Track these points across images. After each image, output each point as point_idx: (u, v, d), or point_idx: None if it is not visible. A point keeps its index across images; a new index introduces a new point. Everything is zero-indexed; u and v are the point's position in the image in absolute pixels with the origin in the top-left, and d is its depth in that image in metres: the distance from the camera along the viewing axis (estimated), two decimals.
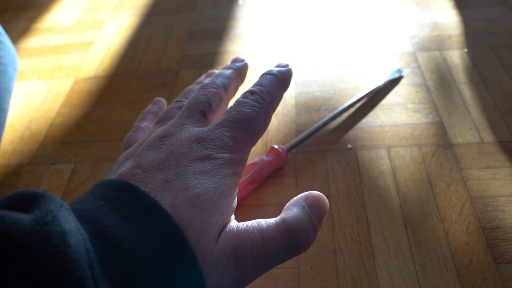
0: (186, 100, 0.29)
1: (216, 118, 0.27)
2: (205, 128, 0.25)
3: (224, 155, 0.23)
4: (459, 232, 0.33)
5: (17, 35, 0.65)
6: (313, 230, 0.21)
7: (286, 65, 0.27)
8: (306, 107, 0.45)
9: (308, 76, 0.49)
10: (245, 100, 0.26)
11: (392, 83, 0.46)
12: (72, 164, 0.43)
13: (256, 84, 0.26)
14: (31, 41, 0.63)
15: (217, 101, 0.27)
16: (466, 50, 0.49)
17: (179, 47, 0.57)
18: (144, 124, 0.31)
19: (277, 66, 0.27)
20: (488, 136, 0.39)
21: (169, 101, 0.48)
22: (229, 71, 0.29)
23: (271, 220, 0.22)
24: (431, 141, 0.39)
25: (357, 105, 0.44)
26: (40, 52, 0.61)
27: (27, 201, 0.17)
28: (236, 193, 0.23)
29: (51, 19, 0.68)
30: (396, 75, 0.46)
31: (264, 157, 0.37)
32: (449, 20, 0.54)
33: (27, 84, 0.55)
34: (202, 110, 0.26)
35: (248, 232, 0.21)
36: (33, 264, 0.14)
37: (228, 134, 0.24)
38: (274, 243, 0.21)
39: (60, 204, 0.17)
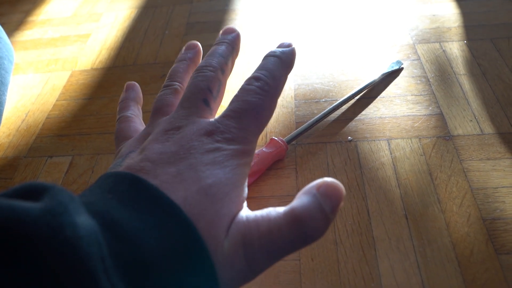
0: (177, 84, 0.28)
1: (217, 103, 0.27)
2: (213, 120, 0.24)
3: (234, 146, 0.23)
4: (460, 223, 0.33)
5: (13, 28, 0.64)
6: (324, 219, 0.20)
7: (289, 45, 0.26)
8: (306, 99, 0.45)
9: (308, 68, 0.48)
10: (250, 87, 0.25)
11: (392, 75, 0.46)
12: (69, 157, 0.43)
13: (260, 69, 0.25)
14: (27, 34, 0.62)
15: (217, 86, 0.27)
16: (465, 42, 0.49)
17: (177, 39, 0.56)
18: (129, 112, 0.30)
19: (279, 46, 0.26)
20: (488, 128, 0.39)
21: None
22: (222, 47, 0.28)
23: (281, 209, 0.21)
24: (431, 132, 0.39)
25: (357, 97, 0.43)
26: (36, 45, 0.60)
27: (37, 191, 0.16)
28: (246, 183, 0.23)
29: (47, 12, 0.67)
30: (396, 67, 0.46)
31: (264, 149, 0.37)
32: (449, 12, 0.53)
33: (23, 77, 0.54)
34: (204, 98, 0.26)
35: (256, 222, 0.21)
36: (44, 256, 0.14)
37: (236, 125, 0.24)
38: (280, 233, 0.20)
39: (71, 196, 0.16)
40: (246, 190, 0.23)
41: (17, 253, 0.14)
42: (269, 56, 0.26)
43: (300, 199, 0.21)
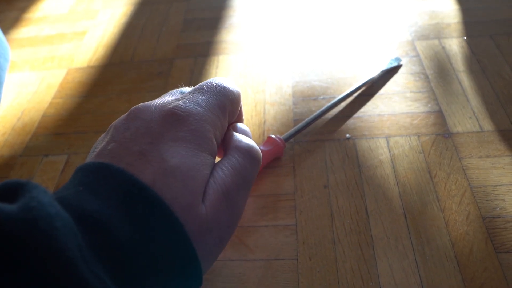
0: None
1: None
2: (178, 97, 0.25)
3: (196, 116, 0.23)
4: (459, 222, 0.32)
5: (8, 25, 0.64)
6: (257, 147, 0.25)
7: None
8: (304, 96, 0.44)
9: (306, 65, 0.48)
10: (215, 77, 0.27)
11: (390, 72, 0.45)
12: (65, 155, 0.42)
13: None
14: (23, 31, 0.62)
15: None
16: (465, 39, 0.48)
17: (174, 36, 0.56)
18: None
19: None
20: (487, 125, 0.39)
21: (163, 91, 0.47)
22: None
23: (227, 157, 0.24)
24: (430, 130, 0.39)
25: (355, 94, 0.43)
26: (32, 42, 0.59)
27: (11, 190, 0.16)
28: (215, 154, 0.24)
29: (43, 9, 0.66)
30: (395, 64, 0.45)
31: (262, 147, 0.37)
32: (448, 8, 0.53)
33: (19, 74, 0.54)
34: (181, 91, 0.27)
35: (224, 174, 0.23)
36: (21, 250, 0.14)
37: (200, 98, 0.24)
38: (244, 168, 0.24)
39: (44, 191, 0.16)
40: (214, 160, 0.23)
41: None
42: None
43: (233, 142, 0.25)
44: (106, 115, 0.46)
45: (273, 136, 0.37)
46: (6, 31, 0.62)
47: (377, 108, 0.42)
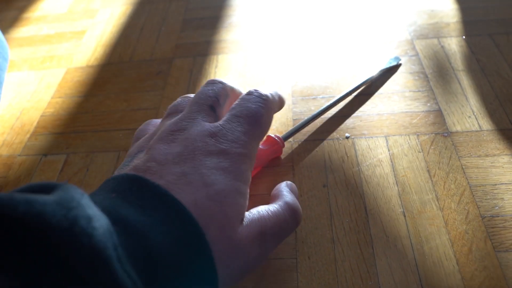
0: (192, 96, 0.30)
1: (223, 113, 0.29)
2: (217, 123, 0.26)
3: (237, 150, 0.24)
4: (458, 221, 0.32)
5: (7, 25, 0.63)
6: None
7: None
8: (303, 95, 0.44)
9: (305, 65, 0.48)
10: (250, 97, 0.28)
11: (390, 71, 0.45)
12: (64, 155, 0.42)
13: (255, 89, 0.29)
14: (22, 31, 0.62)
15: (224, 96, 0.29)
16: (464, 38, 0.48)
17: (173, 35, 0.56)
18: (158, 120, 0.31)
19: None
20: (487, 124, 0.39)
21: (163, 90, 0.47)
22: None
23: (275, 205, 0.27)
24: (429, 129, 0.39)
25: (354, 93, 0.43)
26: (31, 42, 0.59)
27: (49, 188, 0.17)
28: (249, 185, 0.25)
29: (42, 8, 0.66)
30: (394, 63, 0.45)
31: (261, 146, 0.37)
32: (447, 7, 0.53)
33: (18, 74, 0.54)
34: (211, 104, 0.27)
35: (264, 216, 0.25)
36: (63, 247, 0.15)
37: (239, 128, 0.25)
38: (286, 222, 0.26)
39: (82, 192, 0.17)
40: (248, 191, 0.25)
41: (38, 245, 0.14)
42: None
43: (285, 196, 0.28)
44: (105, 114, 0.46)
45: (272, 135, 0.37)
46: (5, 31, 0.62)
47: (376, 107, 0.42)
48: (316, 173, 0.37)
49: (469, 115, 0.40)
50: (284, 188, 0.29)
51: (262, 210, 0.26)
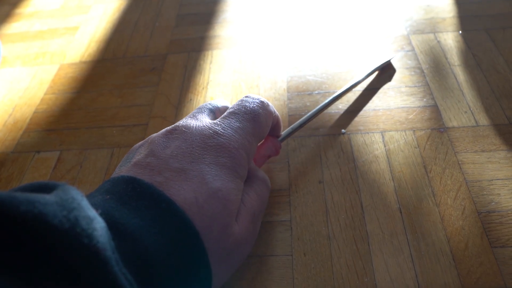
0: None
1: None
2: (216, 120, 0.27)
3: (235, 144, 0.25)
4: (454, 217, 0.32)
5: None
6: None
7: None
8: (298, 91, 0.44)
9: (300, 60, 0.48)
10: (247, 98, 0.29)
11: (385, 67, 0.45)
12: (57, 152, 0.42)
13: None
14: (14, 26, 0.61)
15: (222, 107, 0.31)
16: (460, 33, 0.48)
17: (167, 31, 0.55)
18: None
19: None
20: (483, 119, 0.39)
21: (157, 86, 0.47)
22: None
23: (253, 186, 0.28)
24: (425, 124, 0.39)
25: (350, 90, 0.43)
26: (23, 38, 0.59)
27: (49, 187, 0.17)
28: (246, 173, 0.26)
29: (34, 4, 0.65)
30: (390, 58, 0.45)
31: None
32: (443, 2, 0.53)
33: (11, 70, 0.53)
34: (210, 108, 0.29)
35: (251, 199, 0.26)
36: (64, 247, 0.15)
37: (237, 124, 0.26)
38: (265, 196, 0.28)
39: (81, 194, 0.18)
40: (243, 186, 0.27)
41: (37, 247, 0.15)
42: None
43: (255, 171, 0.29)
44: (99, 111, 0.45)
45: (270, 138, 0.37)
46: None
47: (372, 103, 0.41)
48: (312, 169, 0.36)
49: (465, 111, 0.40)
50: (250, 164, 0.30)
51: (245, 195, 0.26)
